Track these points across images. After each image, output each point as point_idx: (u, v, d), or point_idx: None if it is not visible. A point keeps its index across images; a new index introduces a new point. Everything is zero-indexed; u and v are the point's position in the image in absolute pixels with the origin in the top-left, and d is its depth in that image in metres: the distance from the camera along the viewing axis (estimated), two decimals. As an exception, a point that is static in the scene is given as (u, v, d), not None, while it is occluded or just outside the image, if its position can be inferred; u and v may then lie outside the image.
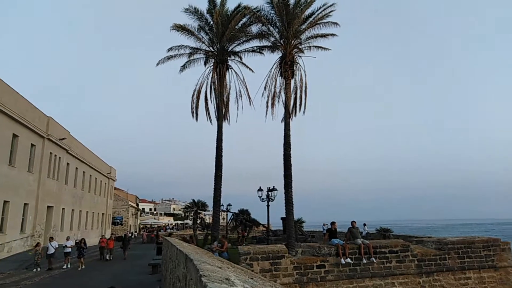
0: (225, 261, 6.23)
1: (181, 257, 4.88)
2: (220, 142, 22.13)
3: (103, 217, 46.99)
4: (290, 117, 19.89)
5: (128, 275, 17.84)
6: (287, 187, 18.61)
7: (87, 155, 38.57)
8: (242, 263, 11.18)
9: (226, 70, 23.04)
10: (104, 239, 26.05)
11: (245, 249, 11.72)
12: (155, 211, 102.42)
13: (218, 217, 22.53)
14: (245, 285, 2.63)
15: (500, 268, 13.67)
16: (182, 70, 24.27)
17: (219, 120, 22.56)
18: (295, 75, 20.55)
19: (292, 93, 20.51)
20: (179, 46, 23.12)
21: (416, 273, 12.70)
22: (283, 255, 11.70)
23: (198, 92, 23.18)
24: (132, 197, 72.30)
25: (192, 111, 23.07)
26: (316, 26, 20.56)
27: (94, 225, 42.02)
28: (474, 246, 13.69)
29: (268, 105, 20.64)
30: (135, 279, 16.52)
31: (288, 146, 19.21)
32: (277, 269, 11.53)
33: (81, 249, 20.53)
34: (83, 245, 20.83)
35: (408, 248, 12.92)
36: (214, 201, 21.77)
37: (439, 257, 13.15)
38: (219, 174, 21.71)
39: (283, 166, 19.02)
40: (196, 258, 3.78)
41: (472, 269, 13.33)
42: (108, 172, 48.92)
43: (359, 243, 12.55)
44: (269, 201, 26.76)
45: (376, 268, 12.35)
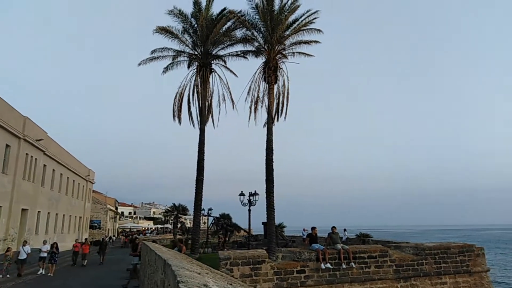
0: (205, 266, 6.16)
1: (160, 263, 4.80)
2: (202, 146, 22.00)
3: (81, 221, 45.82)
4: (273, 122, 19.98)
5: (104, 280, 17.42)
6: (269, 192, 18.66)
7: (65, 156, 37.62)
8: (222, 268, 11.08)
9: (209, 74, 22.99)
10: (78, 243, 24.83)
11: (225, 254, 11.62)
12: (135, 215, 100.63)
13: (199, 222, 22.35)
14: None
15: (474, 273, 14.00)
16: (164, 72, 24.07)
17: (201, 123, 22.44)
18: (278, 80, 20.69)
19: (275, 99, 20.63)
20: (162, 48, 22.94)
21: (394, 278, 12.87)
22: (263, 260, 11.65)
23: (180, 95, 23.02)
24: (111, 200, 70.89)
25: (174, 114, 22.89)
26: (300, 33, 20.80)
27: (71, 229, 40.92)
28: (450, 251, 13.98)
29: (251, 109, 20.71)
30: (113, 285, 16.14)
31: (270, 151, 19.28)
32: (257, 274, 11.47)
33: (53, 254, 19.58)
34: (55, 249, 19.86)
35: (386, 253, 13.09)
36: (195, 205, 21.59)
37: (416, 262, 13.37)
38: (200, 178, 21.56)
39: (265, 171, 19.06)
40: (174, 263, 3.72)
41: (448, 274, 13.60)
42: (87, 174, 47.83)
43: (339, 248, 12.63)
44: (251, 205, 26.68)
45: (355, 273, 12.44)
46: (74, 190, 42.01)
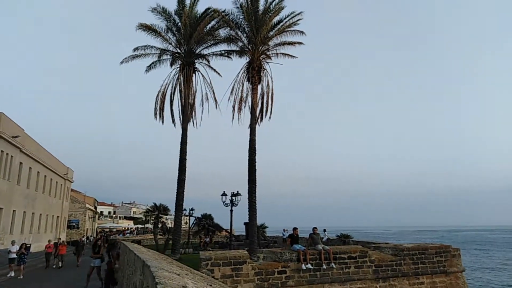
0: (185, 267, 6.09)
1: (138, 263, 4.71)
2: (184, 145, 21.80)
3: (58, 220, 44.74)
4: (256, 122, 19.99)
5: (82, 283, 17.01)
6: (251, 192, 18.64)
7: (43, 154, 36.63)
8: (203, 268, 11.00)
9: (193, 73, 22.82)
10: (52, 244, 23.00)
11: (206, 255, 11.54)
12: (115, 215, 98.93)
13: (180, 222, 22.13)
14: (202, 293, 2.57)
15: (450, 273, 14.36)
16: (147, 71, 23.76)
17: (184, 122, 22.23)
18: (262, 80, 20.72)
19: (259, 99, 20.65)
20: (145, 46, 22.63)
21: (374, 278, 13.05)
22: (244, 261, 11.63)
23: (163, 94, 22.75)
24: (90, 199, 69.48)
25: (156, 112, 22.58)
26: (284, 34, 20.88)
27: (48, 229, 39.87)
28: (428, 252, 14.29)
29: (234, 109, 20.64)
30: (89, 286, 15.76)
31: (253, 151, 19.26)
32: (238, 275, 11.43)
33: (21, 255, 18.46)
34: (24, 250, 18.77)
35: (366, 254, 13.27)
36: (176, 205, 21.37)
37: (395, 262, 13.61)
38: (182, 178, 21.35)
39: (248, 171, 19.04)
40: (153, 264, 3.65)
41: (425, 275, 13.90)
42: (65, 173, 46.73)
43: (320, 249, 12.72)
44: (233, 206, 26.61)
45: (335, 274, 12.56)
46: (52, 188, 40.97)
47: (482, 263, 52.36)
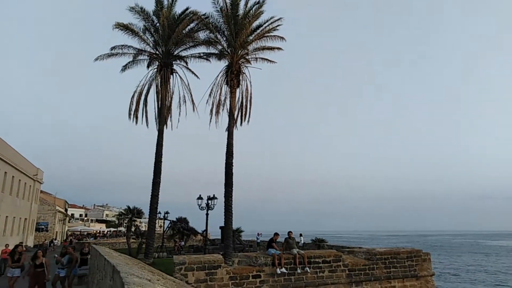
0: (157, 272, 5.95)
1: (108, 268, 4.56)
2: (160, 148, 21.46)
3: (26, 223, 43.01)
4: (234, 126, 19.92)
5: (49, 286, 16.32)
6: (227, 196, 18.52)
7: (11, 154, 35.18)
8: (177, 273, 10.82)
9: (170, 74, 22.54)
10: (8, 249, 20.04)
11: (180, 259, 11.36)
12: (86, 217, 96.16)
13: (154, 225, 21.72)
14: (173, 300, 2.50)
15: (421, 277, 14.72)
16: (123, 70, 23.29)
17: (160, 124, 21.89)
18: (240, 84, 20.68)
19: (238, 103, 20.60)
20: (122, 46, 22.19)
21: (347, 282, 13.22)
22: (219, 265, 11.52)
23: (139, 94, 22.34)
24: (60, 201, 67.22)
25: (130, 113, 22.12)
26: (264, 39, 20.96)
27: (15, 231, 38.23)
28: (399, 256, 14.61)
29: (212, 112, 20.51)
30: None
31: (230, 155, 19.17)
32: (212, 280, 11.31)
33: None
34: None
35: (340, 258, 13.42)
36: (150, 209, 20.97)
37: (368, 267, 13.83)
38: (157, 181, 20.99)
39: (225, 175, 18.92)
40: (123, 270, 3.54)
41: (396, 278, 14.19)
42: (35, 174, 45.03)
43: (295, 253, 12.78)
44: (209, 209, 26.39)
45: (309, 278, 12.64)
46: (20, 190, 39.36)
47: (450, 267, 54.05)
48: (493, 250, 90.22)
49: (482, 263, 59.61)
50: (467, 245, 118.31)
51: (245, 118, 20.91)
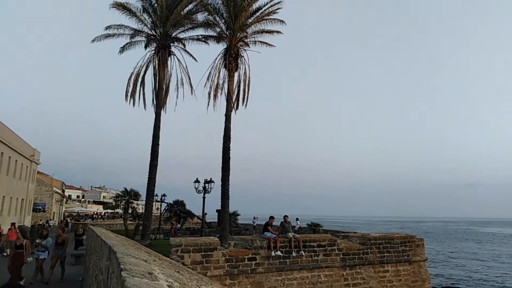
0: (153, 253, 6.00)
1: (105, 249, 4.59)
2: (157, 130, 21.37)
3: (23, 203, 43.18)
4: (232, 110, 19.81)
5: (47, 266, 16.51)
6: (224, 180, 18.56)
7: (7, 134, 35.02)
8: (173, 255, 10.94)
9: (168, 56, 22.26)
10: (15, 230, 20.06)
11: (176, 241, 11.47)
12: (83, 199, 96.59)
13: (151, 207, 21.81)
14: (168, 280, 2.51)
15: (414, 262, 14.96)
16: (121, 52, 22.97)
17: (157, 107, 21.74)
18: (239, 68, 20.47)
19: (236, 86, 20.44)
20: (118, 26, 21.80)
21: (341, 266, 13.42)
22: (215, 248, 11.65)
23: (136, 76, 22.08)
24: (57, 182, 67.37)
25: (127, 94, 21.90)
26: (263, 22, 20.64)
27: (12, 211, 38.41)
28: (393, 242, 14.80)
29: (210, 96, 20.35)
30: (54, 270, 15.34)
31: (228, 139, 19.13)
32: (208, 261, 11.45)
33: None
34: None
35: (335, 243, 13.59)
36: (147, 191, 21.02)
37: (362, 251, 14.02)
38: (154, 164, 20.99)
39: (222, 159, 18.91)
40: (120, 250, 3.56)
41: (390, 263, 14.41)
42: (31, 154, 44.94)
43: (290, 237, 12.92)
44: (206, 193, 26.54)
45: (304, 261, 12.81)
46: (17, 170, 39.35)
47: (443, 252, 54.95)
48: (484, 237, 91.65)
49: (474, 250, 60.63)
50: (460, 231, 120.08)
51: (243, 102, 20.78)
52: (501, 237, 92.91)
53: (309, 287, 12.65)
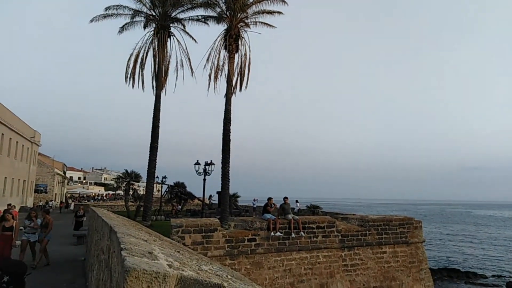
0: (154, 234, 6.08)
1: (106, 229, 4.65)
2: (157, 112, 21.32)
3: (25, 184, 43.52)
4: (232, 92, 19.72)
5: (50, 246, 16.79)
6: (225, 162, 18.66)
7: (7, 116, 34.99)
8: (174, 235, 11.08)
9: (167, 37, 21.98)
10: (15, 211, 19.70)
11: (177, 222, 11.60)
12: (85, 180, 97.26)
13: (152, 189, 21.98)
14: (168, 259, 2.55)
15: (411, 243, 15.17)
16: (120, 32, 22.69)
17: (157, 89, 21.62)
18: (239, 49, 20.27)
19: (236, 68, 20.27)
20: (117, 6, 21.47)
21: (339, 247, 13.61)
22: (215, 229, 11.79)
23: (135, 57, 21.87)
24: (58, 164, 67.63)
25: (127, 76, 21.74)
26: (264, 1, 20.31)
27: (14, 192, 38.77)
28: (392, 224, 14.97)
29: (210, 78, 20.22)
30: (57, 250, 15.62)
31: (228, 121, 19.11)
32: (208, 242, 11.61)
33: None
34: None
35: (334, 224, 13.74)
36: (148, 173, 21.14)
37: (360, 233, 14.20)
38: (154, 146, 21.03)
39: (222, 141, 18.95)
40: (120, 230, 3.61)
41: (388, 244, 14.62)
42: (32, 136, 45.00)
43: (290, 219, 13.06)
44: (206, 175, 26.68)
45: (303, 242, 12.99)
46: (18, 151, 39.50)
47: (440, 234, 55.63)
48: (482, 220, 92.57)
49: (471, 232, 61.33)
50: (457, 214, 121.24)
51: (242, 84, 20.65)
52: (499, 220, 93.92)
53: (307, 268, 12.87)
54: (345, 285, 13.28)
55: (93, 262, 7.36)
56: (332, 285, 13.07)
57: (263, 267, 12.21)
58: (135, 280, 1.77)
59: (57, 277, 10.84)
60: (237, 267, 11.74)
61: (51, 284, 9.79)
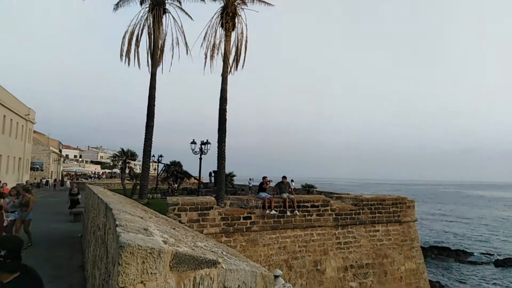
0: (150, 211, 6.15)
1: (102, 206, 4.69)
2: (153, 91, 21.14)
3: (20, 162, 43.42)
4: (228, 71, 19.52)
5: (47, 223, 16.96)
6: (221, 141, 18.68)
7: (1, 93, 34.52)
8: (170, 213, 11.19)
9: (163, 14, 21.54)
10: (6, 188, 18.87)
11: (173, 200, 11.69)
12: (81, 159, 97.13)
13: (148, 167, 22.05)
14: (164, 235, 2.59)
15: (404, 222, 15.45)
16: (116, 9, 22.17)
17: (153, 67, 21.35)
18: (236, 27, 19.94)
19: (233, 47, 20.01)
20: (111, -20, 20.90)
21: (333, 225, 13.85)
22: (211, 207, 11.91)
23: (130, 34, 21.47)
24: (54, 142, 67.37)
25: (122, 54, 21.41)
26: (261, -22, 19.86)
27: (10, 170, 38.71)
28: (385, 203, 15.20)
29: (207, 56, 19.96)
30: (54, 228, 15.79)
31: (224, 100, 19.01)
32: (204, 220, 11.75)
33: None
34: None
35: (328, 203, 13.93)
36: (144, 151, 21.15)
37: (354, 212, 14.42)
38: (150, 124, 20.95)
39: (218, 121, 18.91)
40: (116, 207, 3.64)
41: (381, 223, 14.89)
42: (26, 113, 44.56)
43: (285, 197, 13.21)
44: (202, 154, 26.73)
45: (298, 221, 13.19)
46: (12, 129, 39.20)
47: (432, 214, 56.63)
48: (472, 200, 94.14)
49: (460, 211, 62.46)
50: (450, 194, 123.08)
51: (239, 63, 20.40)
52: (488, 200, 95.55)
53: (302, 245, 13.12)
54: (338, 262, 13.59)
55: (89, 239, 7.45)
56: (325, 262, 13.37)
57: (258, 244, 12.42)
58: (130, 255, 1.80)
59: (55, 253, 10.99)
60: (233, 244, 11.93)
61: (48, 260, 9.93)
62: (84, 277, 8.33)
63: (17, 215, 11.72)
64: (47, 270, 8.31)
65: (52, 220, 18.06)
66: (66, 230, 15.33)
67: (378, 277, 14.15)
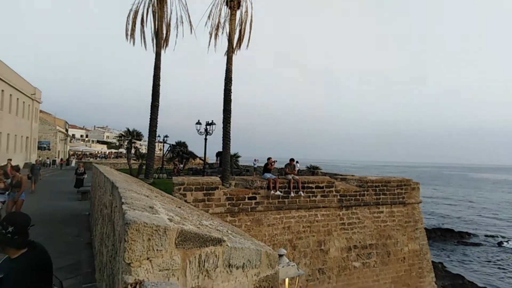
0: (156, 190, 6.20)
1: (108, 185, 4.73)
2: (157, 71, 21.00)
3: (27, 141, 43.89)
4: (233, 50, 19.28)
5: (55, 201, 17.25)
6: (226, 122, 18.65)
7: (7, 73, 34.55)
8: (176, 193, 11.29)
9: (167, -9, 21.15)
10: None
11: (179, 179, 11.77)
12: (87, 138, 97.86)
13: (154, 147, 22.14)
14: (169, 214, 2.61)
15: (408, 204, 15.49)
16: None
17: (157, 46, 21.13)
18: (241, 6, 19.57)
19: (237, 26, 19.69)
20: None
21: (338, 206, 13.91)
22: (217, 187, 11.99)
23: (135, 13, 21.17)
24: (60, 121, 67.80)
25: (127, 33, 21.17)
26: (268, -46, 19.31)
27: (17, 149, 39.19)
28: (390, 185, 15.19)
29: (211, 35, 19.68)
30: (62, 206, 16.06)
31: (229, 81, 18.86)
32: (210, 200, 11.86)
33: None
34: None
35: (332, 185, 13.95)
36: (149, 131, 21.19)
37: (358, 193, 14.45)
38: (155, 104, 20.91)
39: (223, 101, 18.82)
40: (122, 186, 3.67)
41: (385, 205, 14.93)
42: (33, 93, 44.73)
43: (290, 178, 13.25)
44: (207, 135, 26.77)
45: (302, 201, 13.26)
46: (19, 108, 39.45)
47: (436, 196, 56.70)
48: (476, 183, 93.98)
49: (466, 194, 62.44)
50: (455, 177, 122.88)
51: (243, 42, 20.10)
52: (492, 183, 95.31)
53: (306, 225, 13.23)
54: (342, 242, 13.72)
55: (97, 217, 7.57)
56: (329, 242, 13.51)
57: (263, 224, 12.55)
58: (136, 232, 1.82)
59: (63, 231, 11.22)
60: (238, 223, 12.07)
61: (57, 237, 10.14)
62: (92, 254, 8.50)
63: (7, 196, 11.26)
64: (55, 246, 8.49)
65: (60, 199, 18.36)
66: (74, 208, 15.60)
67: (381, 258, 14.30)
